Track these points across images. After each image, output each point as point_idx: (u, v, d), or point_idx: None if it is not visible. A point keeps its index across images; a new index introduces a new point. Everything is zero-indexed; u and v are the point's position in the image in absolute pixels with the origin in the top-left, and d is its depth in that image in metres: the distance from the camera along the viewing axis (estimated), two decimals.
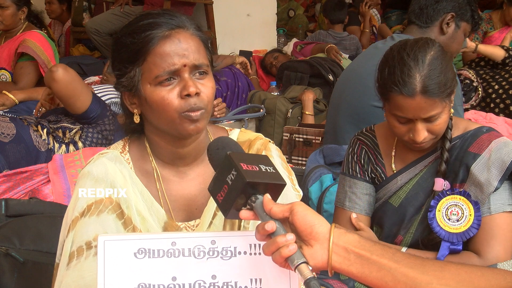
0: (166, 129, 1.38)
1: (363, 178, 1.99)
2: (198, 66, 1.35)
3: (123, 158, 1.45)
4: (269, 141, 1.53)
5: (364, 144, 2.01)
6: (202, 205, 1.45)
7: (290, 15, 7.54)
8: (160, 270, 1.14)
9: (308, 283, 1.03)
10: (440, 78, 1.75)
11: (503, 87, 3.91)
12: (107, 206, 1.37)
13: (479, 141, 1.83)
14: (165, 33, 1.33)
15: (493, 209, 1.79)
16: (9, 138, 2.82)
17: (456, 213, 1.80)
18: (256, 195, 1.11)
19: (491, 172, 1.78)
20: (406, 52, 1.78)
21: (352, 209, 1.97)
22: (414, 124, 1.79)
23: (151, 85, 1.33)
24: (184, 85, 1.33)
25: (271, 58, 5.51)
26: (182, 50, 1.33)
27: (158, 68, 1.32)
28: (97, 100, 3.12)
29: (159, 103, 1.33)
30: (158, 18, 1.36)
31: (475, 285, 1.10)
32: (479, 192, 1.80)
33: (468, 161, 1.82)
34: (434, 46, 1.80)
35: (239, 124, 4.25)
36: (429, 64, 1.75)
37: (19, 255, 2.01)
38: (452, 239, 1.80)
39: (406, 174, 1.93)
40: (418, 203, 1.90)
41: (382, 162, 1.98)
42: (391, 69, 1.79)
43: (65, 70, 2.92)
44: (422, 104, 1.74)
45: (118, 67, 1.40)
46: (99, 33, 5.44)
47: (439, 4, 2.63)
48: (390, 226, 1.94)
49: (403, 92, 1.74)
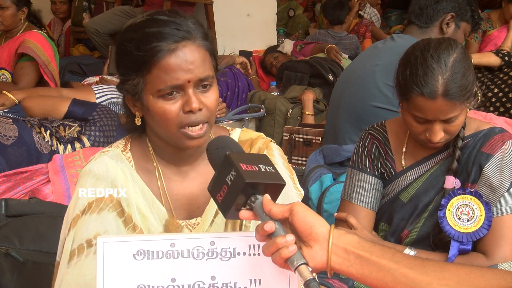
0: (166, 139, 1.39)
1: (372, 173, 1.98)
2: (203, 79, 1.33)
3: (124, 156, 1.45)
4: (270, 141, 1.53)
5: (375, 139, 2.00)
6: (203, 204, 1.45)
7: (290, 15, 7.54)
8: (159, 271, 1.14)
9: (308, 284, 1.03)
10: (462, 81, 1.74)
11: (503, 90, 3.89)
12: (107, 204, 1.37)
13: (492, 142, 1.83)
14: (171, 47, 1.30)
15: (504, 210, 1.79)
16: (11, 140, 2.82)
17: (466, 213, 1.80)
18: (255, 195, 1.10)
19: (504, 173, 1.78)
20: (430, 53, 1.75)
21: (358, 203, 1.96)
22: (431, 124, 1.78)
23: (153, 96, 1.33)
24: (187, 100, 1.31)
25: (271, 58, 5.51)
26: (187, 65, 1.31)
27: (162, 82, 1.30)
28: (75, 103, 3.26)
29: (160, 115, 1.33)
30: (164, 28, 1.32)
31: (475, 285, 1.10)
32: (490, 193, 1.79)
33: (481, 161, 1.81)
34: (457, 48, 1.78)
35: (239, 124, 4.25)
36: (452, 66, 1.74)
37: (19, 255, 2.01)
38: (462, 239, 1.79)
39: (416, 170, 1.93)
40: (428, 199, 1.90)
41: (392, 157, 1.97)
42: (413, 69, 1.77)
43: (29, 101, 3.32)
44: (442, 107, 1.73)
45: (121, 72, 1.39)
46: (99, 33, 5.44)
47: (439, 4, 2.64)
48: (397, 221, 1.94)
49: (424, 93, 1.73)
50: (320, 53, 5.29)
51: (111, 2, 6.01)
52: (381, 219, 2.00)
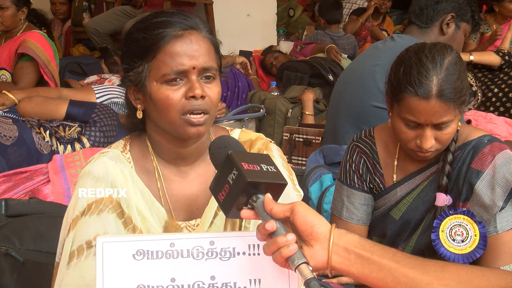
0: (167, 129, 1.38)
1: (361, 188, 1.94)
2: (207, 69, 1.35)
3: (124, 157, 1.45)
4: (270, 141, 1.53)
5: (363, 153, 1.94)
6: (203, 205, 1.45)
7: (290, 14, 7.54)
8: (159, 271, 1.14)
9: (308, 283, 1.03)
10: (457, 83, 1.71)
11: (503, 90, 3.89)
12: (107, 205, 1.37)
13: (481, 156, 1.76)
14: (178, 33, 1.33)
15: (499, 228, 1.73)
16: (11, 140, 2.82)
17: (460, 233, 1.75)
18: (257, 194, 1.11)
19: (495, 191, 1.72)
20: (425, 54, 1.73)
21: (349, 220, 1.94)
22: (423, 130, 1.73)
23: (157, 82, 1.34)
24: (191, 86, 1.33)
25: (271, 58, 5.51)
26: (192, 51, 1.33)
27: (167, 66, 1.32)
28: (74, 104, 3.22)
29: (163, 101, 1.33)
30: (172, 17, 1.36)
31: (476, 285, 1.10)
32: (484, 212, 1.74)
33: (472, 179, 1.75)
34: (452, 52, 1.76)
35: (239, 124, 4.25)
36: (447, 68, 1.71)
37: (19, 255, 2.01)
38: (458, 261, 1.74)
39: (405, 185, 1.88)
40: (419, 216, 1.85)
41: (380, 172, 1.92)
42: (407, 69, 1.73)
43: (27, 103, 3.25)
44: (436, 108, 1.69)
45: (127, 61, 1.40)
46: (99, 33, 5.44)
47: (439, 4, 2.63)
48: (391, 238, 1.90)
49: (418, 93, 1.69)
50: (320, 53, 5.29)
51: (111, 2, 6.01)
52: (374, 234, 1.96)
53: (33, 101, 3.25)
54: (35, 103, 3.23)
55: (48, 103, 3.24)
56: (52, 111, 3.18)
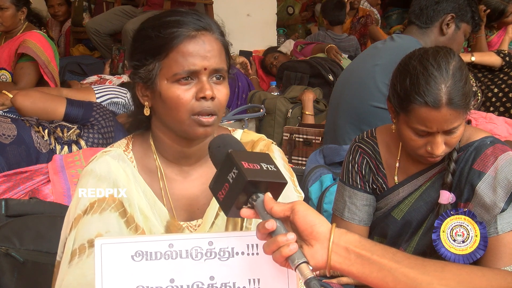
0: (174, 128, 1.38)
1: (364, 189, 1.93)
2: (217, 70, 1.36)
3: (126, 156, 1.45)
4: (271, 142, 1.54)
5: (365, 153, 1.93)
6: (204, 205, 1.45)
7: (289, 12, 7.53)
8: (158, 272, 1.14)
9: (308, 283, 1.02)
10: (465, 89, 1.70)
11: (503, 90, 3.88)
12: (109, 204, 1.37)
13: (483, 157, 1.76)
14: (191, 33, 1.35)
15: (500, 229, 1.73)
16: (10, 139, 2.82)
17: (461, 234, 1.75)
18: (257, 193, 1.10)
19: (497, 193, 1.72)
20: (430, 61, 1.70)
21: (351, 220, 1.93)
22: (433, 137, 1.71)
23: (168, 81, 1.34)
24: (201, 87, 1.33)
25: (271, 58, 5.51)
26: (205, 52, 1.34)
27: (179, 66, 1.33)
28: (72, 103, 3.18)
29: (173, 100, 1.34)
30: (186, 17, 1.37)
31: (476, 286, 1.10)
32: (485, 213, 1.74)
33: (473, 180, 1.75)
34: (455, 56, 1.74)
35: (239, 124, 4.25)
36: (453, 74, 1.69)
37: (19, 255, 2.01)
38: (458, 261, 1.74)
39: (408, 186, 1.88)
40: (421, 216, 1.85)
41: (383, 172, 1.92)
42: (413, 79, 1.70)
43: (24, 97, 3.14)
44: (447, 116, 1.67)
45: (137, 58, 1.40)
46: (99, 33, 5.44)
47: (439, 5, 2.63)
48: (392, 238, 1.90)
49: (428, 103, 1.67)
50: (320, 53, 5.29)
51: (111, 2, 6.00)
52: (375, 233, 1.96)
53: (32, 96, 3.18)
54: (33, 98, 3.16)
55: (46, 99, 3.19)
56: (50, 108, 3.14)
